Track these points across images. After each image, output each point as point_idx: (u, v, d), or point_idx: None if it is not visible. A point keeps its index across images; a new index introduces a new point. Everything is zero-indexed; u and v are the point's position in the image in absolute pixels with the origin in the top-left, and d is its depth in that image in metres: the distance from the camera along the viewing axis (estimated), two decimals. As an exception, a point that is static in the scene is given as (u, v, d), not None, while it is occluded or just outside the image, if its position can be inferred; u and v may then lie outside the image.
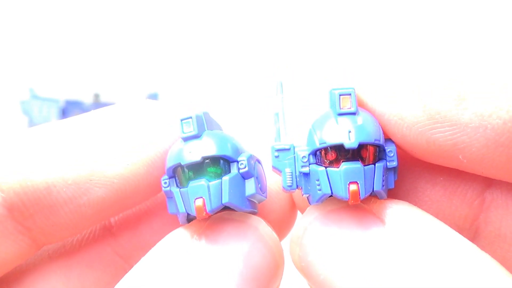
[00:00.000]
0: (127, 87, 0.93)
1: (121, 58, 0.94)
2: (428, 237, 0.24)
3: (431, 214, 0.29)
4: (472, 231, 0.29)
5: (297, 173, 0.27)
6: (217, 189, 0.26)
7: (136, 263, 0.31)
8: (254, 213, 0.28)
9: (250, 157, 0.27)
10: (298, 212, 0.32)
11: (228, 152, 0.27)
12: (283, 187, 0.27)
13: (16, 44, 0.93)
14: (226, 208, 0.27)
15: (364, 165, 0.26)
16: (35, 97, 0.93)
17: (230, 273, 0.26)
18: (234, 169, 0.27)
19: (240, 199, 0.27)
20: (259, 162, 0.29)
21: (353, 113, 0.27)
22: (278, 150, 0.28)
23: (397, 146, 0.28)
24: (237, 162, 0.27)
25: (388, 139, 0.28)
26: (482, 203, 0.28)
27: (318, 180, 0.26)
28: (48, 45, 0.93)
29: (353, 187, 0.25)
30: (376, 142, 0.26)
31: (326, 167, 0.26)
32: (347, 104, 0.27)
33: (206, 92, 0.89)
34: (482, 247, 0.28)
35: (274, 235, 0.28)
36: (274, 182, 0.31)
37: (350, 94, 0.27)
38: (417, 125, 0.26)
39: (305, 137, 0.28)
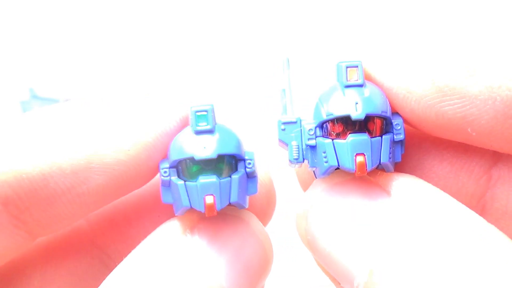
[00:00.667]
0: (127, 87, 0.93)
1: (120, 58, 0.94)
2: (433, 208, 0.24)
3: None
4: (479, 208, 0.29)
5: (304, 146, 0.27)
6: (226, 187, 0.26)
7: (113, 252, 0.31)
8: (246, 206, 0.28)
9: (255, 156, 0.28)
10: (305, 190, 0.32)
11: (240, 152, 0.27)
12: (289, 160, 0.28)
13: (16, 44, 0.93)
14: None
15: (371, 137, 0.26)
16: (35, 97, 0.93)
17: (222, 266, 0.26)
18: (241, 168, 0.27)
19: (243, 198, 0.27)
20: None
21: (360, 85, 0.27)
22: (284, 123, 0.28)
23: (404, 121, 0.28)
24: (245, 160, 0.27)
25: (395, 113, 0.28)
26: (489, 180, 0.28)
27: (324, 152, 0.27)
28: (48, 45, 0.93)
29: (359, 158, 0.26)
30: (383, 114, 0.27)
31: (333, 139, 0.26)
32: (354, 76, 0.27)
33: (206, 91, 0.89)
34: None
35: (264, 230, 0.28)
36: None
37: (357, 66, 0.27)
38: (425, 98, 0.26)
39: (311, 111, 0.28)
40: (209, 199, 0.26)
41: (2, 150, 0.26)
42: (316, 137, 0.27)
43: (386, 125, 0.27)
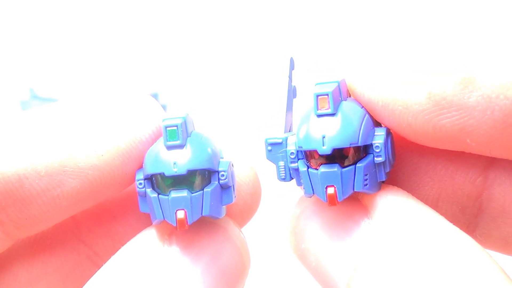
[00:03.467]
0: (126, 87, 0.93)
1: (120, 57, 0.94)
2: (417, 230, 0.24)
3: (434, 194, 0.28)
4: (475, 208, 0.29)
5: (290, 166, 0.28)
6: (198, 201, 0.26)
7: (100, 249, 0.31)
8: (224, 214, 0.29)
9: (229, 166, 0.28)
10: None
11: (211, 165, 0.27)
12: (278, 178, 0.28)
13: (16, 44, 0.93)
14: None
15: (343, 167, 0.26)
16: (35, 97, 0.93)
17: (198, 272, 0.26)
18: (214, 179, 0.27)
19: (217, 209, 0.27)
20: (233, 165, 0.29)
21: (332, 114, 0.26)
22: (270, 144, 0.28)
23: (399, 135, 0.27)
24: (218, 172, 0.27)
25: (378, 127, 0.27)
26: (485, 180, 0.28)
27: (302, 180, 0.27)
28: (48, 45, 0.93)
29: (330, 190, 0.26)
30: (353, 145, 0.26)
31: (308, 168, 0.27)
32: (325, 105, 0.26)
33: (206, 92, 0.89)
34: (486, 223, 0.28)
35: (242, 235, 0.29)
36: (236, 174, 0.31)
37: (327, 95, 0.26)
38: (423, 113, 0.26)
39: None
40: (180, 214, 0.26)
41: None
42: (298, 159, 0.27)
43: (366, 147, 0.27)
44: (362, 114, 0.27)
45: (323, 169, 0.26)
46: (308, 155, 0.27)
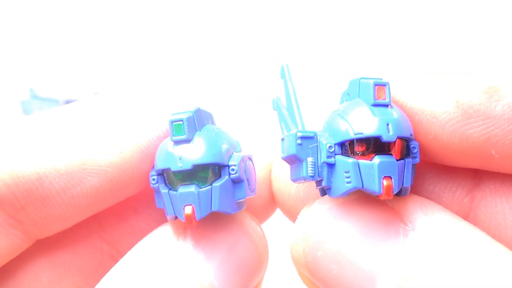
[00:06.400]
0: (126, 86, 0.93)
1: (120, 57, 0.94)
2: (462, 249, 0.23)
3: None
4: None
5: (320, 163, 0.26)
6: (207, 196, 0.26)
7: (123, 247, 0.31)
8: (242, 209, 0.28)
9: (242, 160, 0.27)
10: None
11: (219, 159, 0.26)
12: (303, 177, 0.26)
13: (16, 44, 0.93)
14: None
15: (397, 160, 0.25)
16: (35, 97, 0.93)
17: (213, 266, 0.26)
18: (225, 174, 0.26)
19: (229, 204, 0.26)
20: (250, 159, 0.28)
21: (387, 105, 0.25)
22: (302, 138, 0.26)
23: (423, 149, 0.27)
24: (228, 167, 0.26)
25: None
26: (471, 201, 0.28)
27: (347, 172, 0.25)
28: (48, 45, 0.93)
29: (387, 181, 0.24)
30: (411, 136, 0.26)
31: (357, 160, 0.25)
32: (382, 95, 0.25)
33: (206, 90, 0.89)
34: None
35: (259, 229, 0.28)
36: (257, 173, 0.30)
37: (385, 85, 0.26)
38: (451, 122, 0.25)
39: (324, 124, 0.27)
40: (188, 209, 0.25)
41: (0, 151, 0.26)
42: (335, 154, 0.25)
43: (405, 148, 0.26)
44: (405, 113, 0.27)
45: (379, 159, 0.24)
46: (350, 148, 0.25)
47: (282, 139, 0.27)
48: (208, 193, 0.26)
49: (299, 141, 0.26)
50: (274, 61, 0.89)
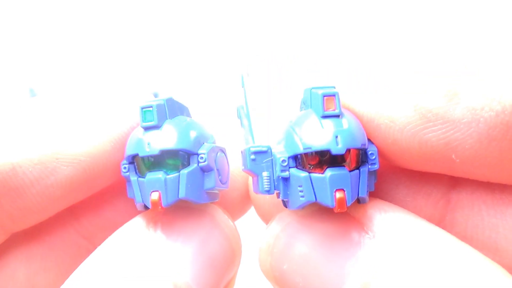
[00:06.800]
0: (126, 86, 0.93)
1: (120, 57, 0.94)
2: (426, 244, 0.23)
3: None
4: None
5: (275, 177, 0.26)
6: (174, 183, 0.26)
7: (100, 241, 0.30)
8: (214, 202, 0.28)
9: (212, 150, 0.27)
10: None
11: (187, 146, 0.26)
12: (259, 191, 0.26)
13: (16, 44, 0.93)
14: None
15: (350, 171, 0.25)
16: (35, 97, 0.93)
17: (186, 260, 0.26)
18: (193, 162, 0.26)
19: (197, 193, 0.26)
20: (222, 151, 0.28)
21: (337, 115, 0.25)
22: (255, 153, 0.26)
23: (382, 154, 0.26)
24: (197, 155, 0.26)
25: (368, 140, 0.26)
26: (447, 204, 0.28)
27: (300, 186, 0.25)
28: (48, 45, 0.93)
29: (339, 194, 0.24)
30: (363, 146, 0.25)
31: (309, 173, 0.25)
32: (332, 106, 0.25)
33: (206, 91, 0.89)
34: None
35: (231, 223, 0.28)
36: (234, 168, 0.30)
37: (334, 95, 0.25)
38: (409, 126, 0.25)
39: (276, 135, 0.27)
40: (154, 196, 0.25)
41: None
42: (289, 167, 0.25)
43: (361, 155, 0.26)
44: (358, 120, 0.26)
45: (331, 172, 0.24)
46: (304, 160, 0.25)
47: (241, 152, 0.27)
48: (176, 180, 0.26)
49: (252, 156, 0.26)
50: (274, 61, 0.89)
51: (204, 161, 0.26)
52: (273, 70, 0.88)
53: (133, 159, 0.27)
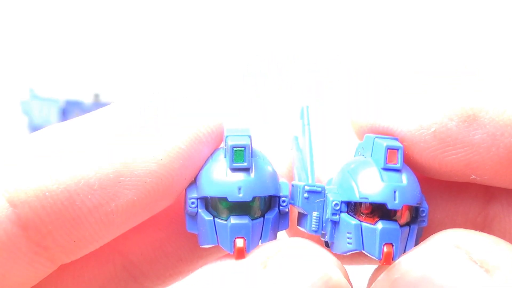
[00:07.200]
0: (127, 87, 0.93)
1: (121, 57, 0.94)
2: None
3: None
4: None
5: (324, 218, 0.25)
6: (258, 228, 0.25)
7: (137, 257, 0.28)
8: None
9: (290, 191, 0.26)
10: None
11: (276, 191, 0.25)
12: (306, 229, 0.26)
13: (16, 44, 0.93)
14: None
15: (400, 226, 0.25)
16: (35, 97, 0.93)
17: None
18: (275, 205, 0.25)
19: (273, 237, 0.25)
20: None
21: (398, 170, 0.25)
22: (308, 192, 0.26)
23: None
24: (279, 197, 0.25)
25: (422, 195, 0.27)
26: (485, 219, 0.28)
27: (350, 233, 0.25)
28: (48, 45, 0.93)
29: (388, 248, 0.24)
30: (418, 204, 0.25)
31: (360, 221, 0.25)
32: (394, 160, 0.25)
33: (206, 91, 0.89)
34: None
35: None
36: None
37: (398, 149, 0.25)
38: (428, 150, 0.25)
39: (330, 176, 0.27)
40: (239, 243, 0.24)
41: (23, 167, 0.23)
42: (341, 212, 0.25)
43: (413, 211, 0.26)
44: (415, 176, 0.26)
45: (383, 224, 0.24)
46: (356, 208, 0.25)
47: (292, 185, 0.27)
48: (260, 225, 0.25)
49: (306, 195, 0.26)
50: (274, 61, 0.89)
51: (286, 206, 0.25)
52: (273, 70, 0.88)
53: (210, 197, 0.25)
